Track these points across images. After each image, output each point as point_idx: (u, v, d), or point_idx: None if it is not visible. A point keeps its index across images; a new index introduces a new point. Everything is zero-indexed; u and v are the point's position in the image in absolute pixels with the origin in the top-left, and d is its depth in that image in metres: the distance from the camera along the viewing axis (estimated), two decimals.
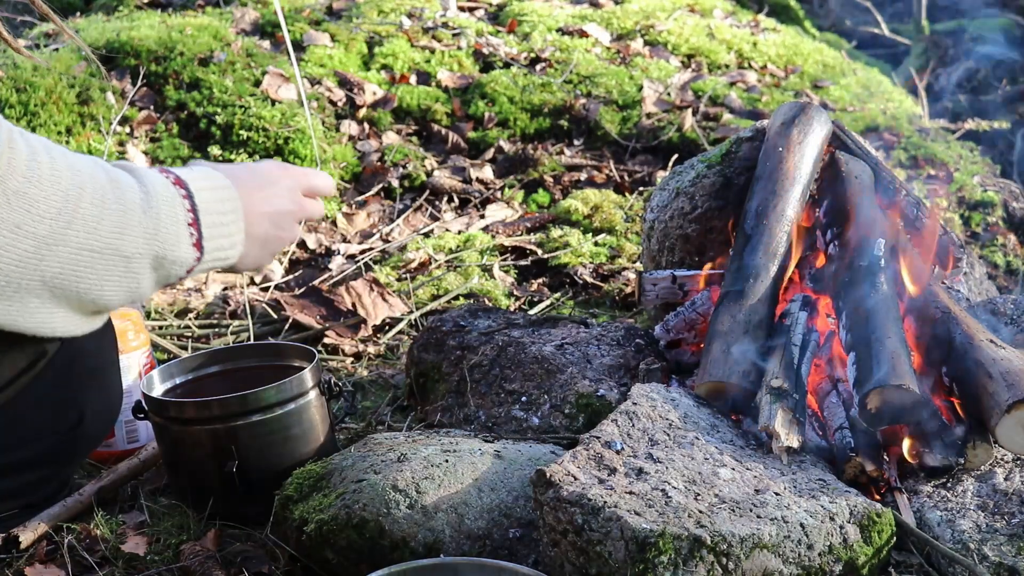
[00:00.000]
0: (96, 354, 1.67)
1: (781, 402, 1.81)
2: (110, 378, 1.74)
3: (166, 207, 1.30)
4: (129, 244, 1.27)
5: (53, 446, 1.68)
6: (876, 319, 1.93)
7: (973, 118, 4.29)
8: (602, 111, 3.87)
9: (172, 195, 1.32)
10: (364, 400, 2.37)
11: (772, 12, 5.55)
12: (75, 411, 1.66)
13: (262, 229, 1.46)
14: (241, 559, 1.73)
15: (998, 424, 1.77)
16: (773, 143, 2.31)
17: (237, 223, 1.40)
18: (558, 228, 3.28)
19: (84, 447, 1.80)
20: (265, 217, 1.46)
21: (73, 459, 1.81)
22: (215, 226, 1.36)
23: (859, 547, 1.59)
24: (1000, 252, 3.02)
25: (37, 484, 1.76)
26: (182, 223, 1.32)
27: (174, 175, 1.35)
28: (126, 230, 1.26)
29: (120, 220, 1.26)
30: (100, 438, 1.84)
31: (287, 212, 1.50)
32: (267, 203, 1.46)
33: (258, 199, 1.45)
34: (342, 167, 3.56)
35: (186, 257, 1.34)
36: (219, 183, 1.40)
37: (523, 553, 1.62)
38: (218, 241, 1.37)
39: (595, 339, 2.24)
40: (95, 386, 1.68)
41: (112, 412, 1.79)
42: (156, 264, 1.31)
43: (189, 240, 1.33)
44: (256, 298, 2.92)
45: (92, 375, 1.66)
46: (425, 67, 4.08)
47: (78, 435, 1.69)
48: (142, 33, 3.87)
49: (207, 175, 1.40)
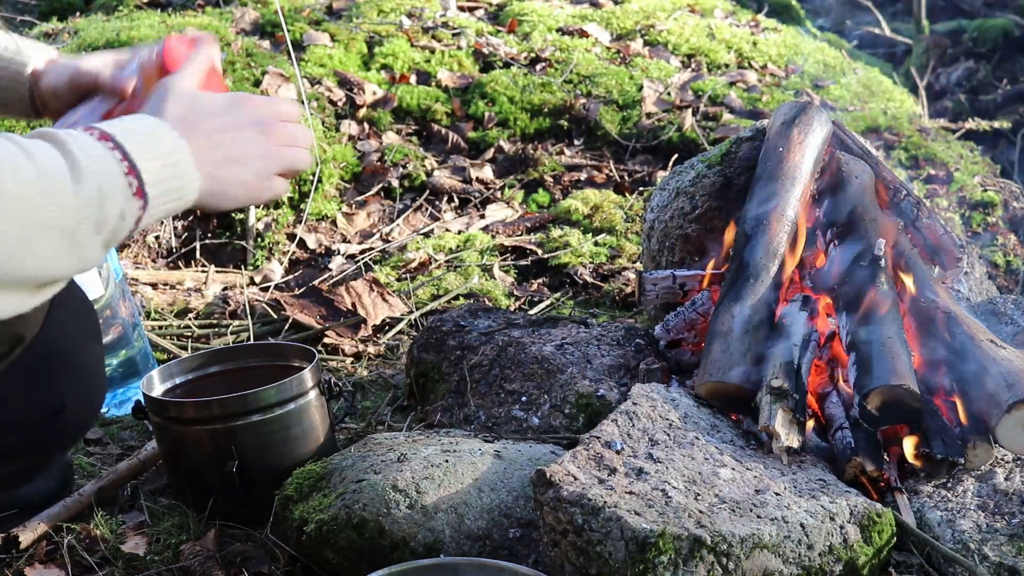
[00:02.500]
0: (76, 342, 1.65)
1: (781, 402, 1.81)
2: (92, 366, 1.73)
3: (95, 165, 1.24)
4: (66, 217, 1.22)
5: (34, 436, 1.67)
6: (876, 319, 1.93)
7: (973, 118, 4.29)
8: (602, 111, 3.87)
9: (100, 151, 1.26)
10: (364, 400, 2.37)
11: (772, 12, 5.55)
12: (56, 400, 1.65)
13: (219, 153, 1.37)
14: (241, 559, 1.73)
15: (998, 424, 1.77)
16: (773, 143, 2.31)
17: (183, 157, 1.33)
18: (558, 228, 3.28)
19: (67, 436, 1.79)
20: (218, 144, 1.37)
21: (56, 449, 1.80)
22: (157, 170, 1.29)
23: (859, 547, 1.59)
24: (1000, 252, 3.02)
25: (20, 475, 1.75)
26: (117, 175, 1.26)
27: (98, 131, 1.29)
28: (59, 204, 1.21)
29: (50, 195, 1.20)
30: (84, 427, 1.83)
31: (247, 127, 1.40)
32: (219, 130, 1.38)
33: (207, 125, 1.37)
34: (342, 167, 3.56)
35: (129, 209, 1.27)
36: (147, 124, 1.33)
37: (523, 553, 1.62)
38: (166, 184, 1.30)
39: (595, 339, 2.24)
40: (76, 374, 1.67)
41: (95, 400, 1.78)
42: (99, 227, 1.25)
43: (129, 191, 1.27)
44: (256, 298, 2.92)
45: (72, 363, 1.65)
46: (425, 67, 4.08)
47: (59, 424, 1.68)
48: (142, 33, 3.87)
49: (136, 120, 1.34)
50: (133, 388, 2.35)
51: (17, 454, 1.69)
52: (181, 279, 3.11)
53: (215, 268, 3.20)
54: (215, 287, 3.06)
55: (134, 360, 2.38)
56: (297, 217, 3.37)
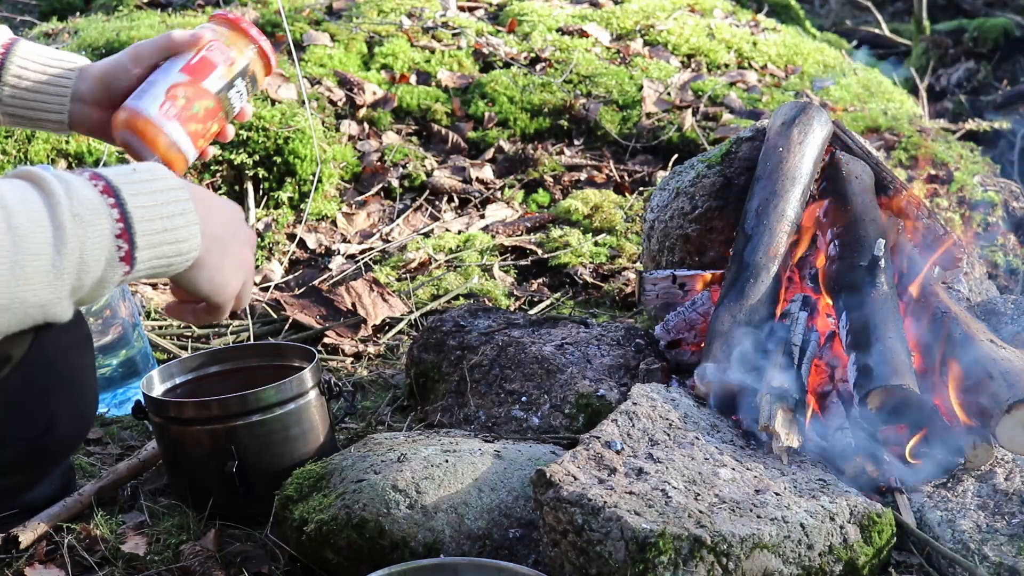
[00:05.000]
0: (66, 358, 1.63)
1: (781, 402, 1.81)
2: (82, 383, 1.69)
3: (81, 231, 1.15)
4: (42, 293, 1.14)
5: (22, 453, 1.65)
6: (876, 319, 1.93)
7: (973, 118, 4.29)
8: (602, 111, 3.87)
9: (97, 207, 1.17)
10: (364, 400, 2.37)
11: (772, 12, 5.55)
12: (43, 418, 1.62)
13: (222, 230, 1.29)
14: (241, 559, 1.73)
15: (998, 424, 1.77)
16: (773, 143, 2.31)
17: (188, 221, 1.24)
18: (558, 228, 3.27)
19: (57, 453, 1.77)
20: (224, 224, 1.31)
21: (50, 462, 1.79)
22: (154, 233, 1.21)
23: (859, 547, 1.59)
24: (1000, 252, 3.01)
25: (20, 487, 1.75)
26: (107, 237, 1.17)
27: (104, 182, 1.19)
28: (35, 279, 1.12)
29: (27, 268, 1.11)
30: (75, 443, 1.81)
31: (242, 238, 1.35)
32: (224, 224, 1.31)
33: (216, 215, 1.31)
34: (342, 167, 3.56)
35: (110, 275, 1.19)
36: (163, 178, 1.24)
37: (523, 553, 1.62)
38: (160, 248, 1.22)
39: (595, 339, 2.24)
40: (66, 392, 1.64)
41: (86, 417, 1.75)
42: (76, 292, 1.18)
43: (116, 255, 1.19)
44: (256, 298, 2.92)
45: (62, 380, 1.62)
46: (425, 67, 4.07)
47: (48, 442, 1.67)
48: (142, 33, 3.87)
49: (151, 169, 1.25)
50: (133, 388, 2.35)
51: (13, 469, 1.69)
52: None
53: None
54: None
55: (134, 360, 2.38)
56: (297, 217, 3.37)
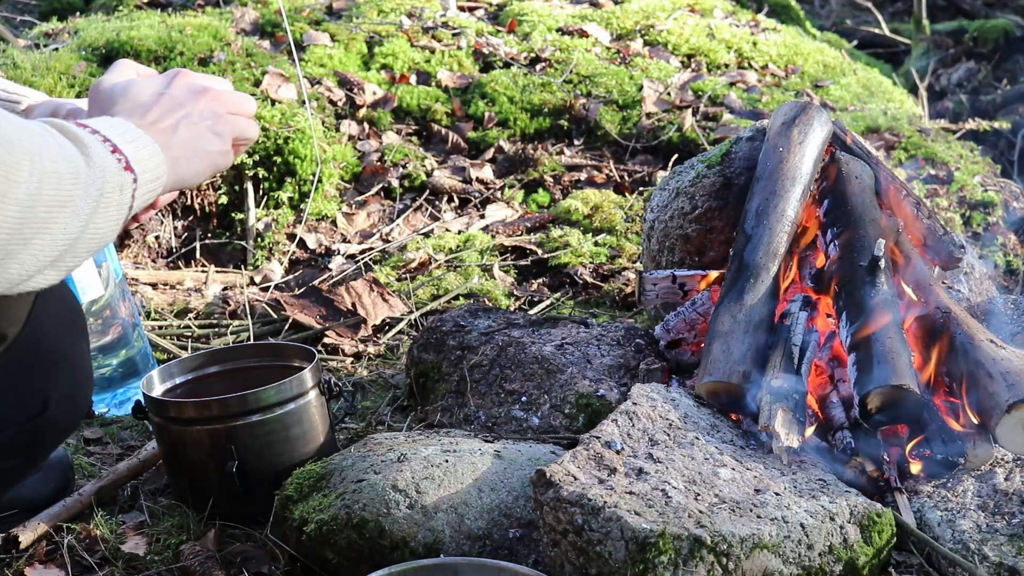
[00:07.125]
0: (60, 340, 1.63)
1: (781, 402, 1.81)
2: (77, 364, 1.70)
3: (92, 144, 1.31)
4: (85, 197, 1.28)
5: (16, 436, 1.66)
6: (876, 319, 1.93)
7: (973, 118, 4.28)
8: (602, 111, 3.87)
9: (86, 133, 1.32)
10: (364, 400, 2.37)
11: (772, 12, 5.55)
12: (38, 399, 1.63)
13: (178, 136, 1.42)
14: (241, 559, 1.73)
15: (998, 424, 1.77)
16: (773, 143, 2.31)
17: (148, 141, 1.38)
18: (558, 228, 3.27)
19: (52, 434, 1.77)
20: (173, 127, 1.42)
21: (42, 447, 1.79)
22: (135, 151, 1.35)
23: (859, 547, 1.59)
24: (1000, 252, 3.01)
25: (11, 472, 1.74)
26: (106, 151, 1.32)
27: (75, 122, 1.34)
28: (85, 176, 1.27)
29: (76, 169, 1.26)
30: (71, 425, 1.82)
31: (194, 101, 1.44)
32: (169, 109, 1.42)
33: (155, 112, 1.42)
34: (342, 167, 3.56)
35: (125, 182, 1.33)
36: (107, 119, 1.39)
37: (523, 553, 1.62)
38: (144, 163, 1.36)
39: (595, 339, 2.24)
40: (60, 373, 1.65)
41: (81, 399, 1.75)
42: (121, 189, 1.32)
43: (119, 165, 1.32)
44: (256, 298, 2.92)
45: (56, 361, 1.63)
46: (425, 67, 4.07)
47: (42, 424, 1.67)
48: (142, 33, 3.87)
49: (95, 118, 1.39)
50: (133, 388, 2.35)
51: (5, 452, 1.69)
52: (181, 279, 3.11)
53: (215, 268, 3.20)
54: (215, 287, 3.06)
55: (134, 360, 2.38)
56: (297, 217, 3.37)
